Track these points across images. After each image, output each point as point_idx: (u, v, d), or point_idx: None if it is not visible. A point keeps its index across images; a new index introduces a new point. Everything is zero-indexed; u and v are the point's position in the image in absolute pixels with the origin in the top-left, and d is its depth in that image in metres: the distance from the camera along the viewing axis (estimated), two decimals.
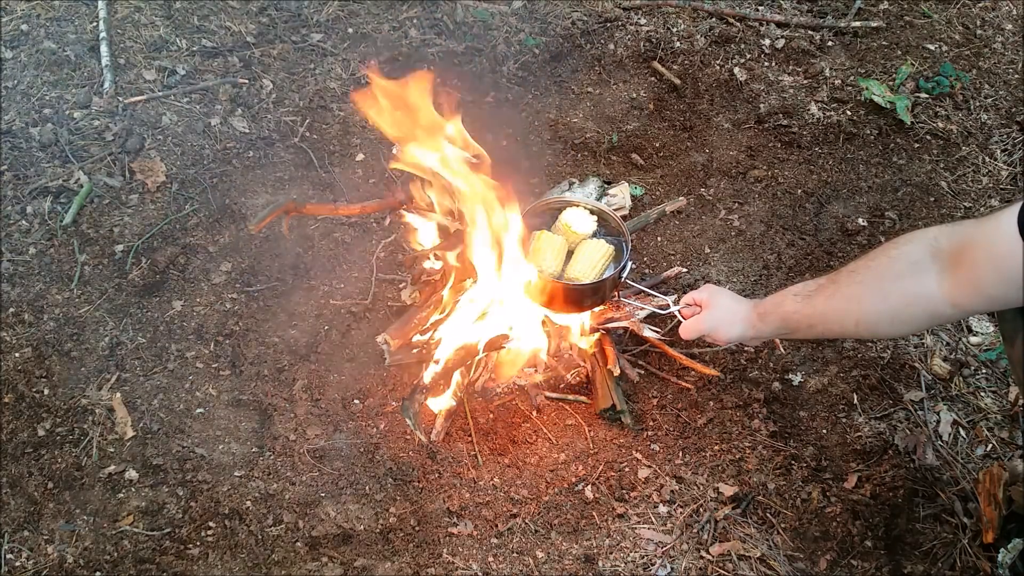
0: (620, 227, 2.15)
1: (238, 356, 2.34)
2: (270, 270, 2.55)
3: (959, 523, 1.93)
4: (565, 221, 2.15)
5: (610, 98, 3.14)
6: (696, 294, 1.85)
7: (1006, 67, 3.13)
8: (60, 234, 2.55)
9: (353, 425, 2.21)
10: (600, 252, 2.09)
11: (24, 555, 1.93)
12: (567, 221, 2.14)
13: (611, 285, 2.08)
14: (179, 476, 2.08)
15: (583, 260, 2.08)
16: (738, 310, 1.75)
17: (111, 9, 3.15)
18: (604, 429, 2.21)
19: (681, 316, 1.88)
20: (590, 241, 2.12)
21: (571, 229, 2.13)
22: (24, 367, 2.26)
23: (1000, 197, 2.75)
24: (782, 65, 3.20)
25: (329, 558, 1.94)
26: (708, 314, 1.79)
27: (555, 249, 2.09)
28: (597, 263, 2.07)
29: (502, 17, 3.33)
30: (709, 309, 1.80)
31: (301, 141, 2.90)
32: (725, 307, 1.78)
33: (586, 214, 2.16)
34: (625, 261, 2.06)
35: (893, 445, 2.11)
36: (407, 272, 2.54)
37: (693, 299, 1.86)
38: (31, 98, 2.86)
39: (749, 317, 1.73)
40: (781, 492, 2.05)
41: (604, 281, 2.04)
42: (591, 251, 2.09)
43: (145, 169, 2.73)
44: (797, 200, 2.79)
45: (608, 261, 2.10)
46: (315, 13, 3.29)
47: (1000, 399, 2.20)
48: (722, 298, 1.80)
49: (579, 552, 1.94)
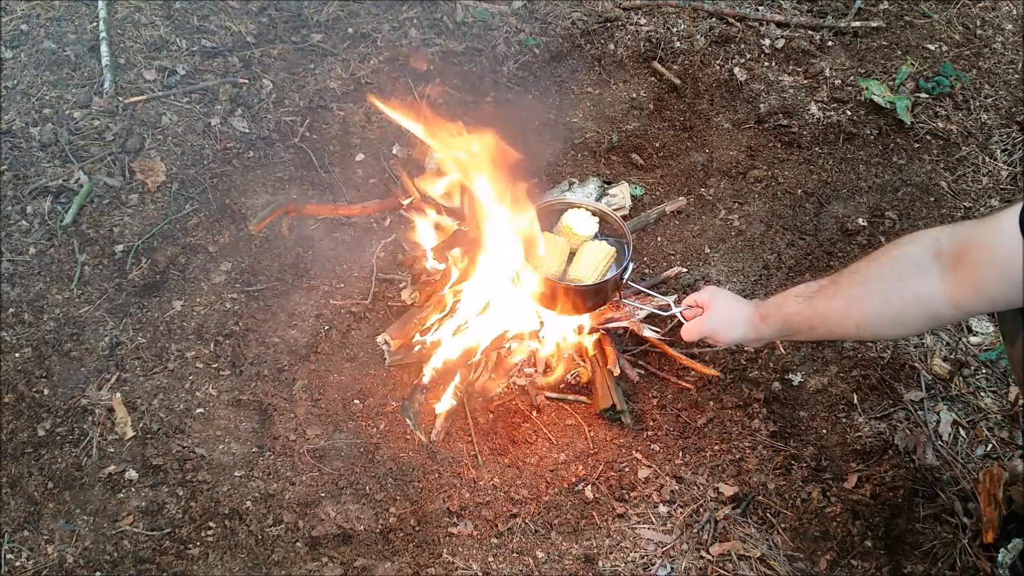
0: (622, 228, 2.15)
1: (238, 356, 2.34)
2: (270, 270, 2.55)
3: (959, 523, 1.93)
4: (567, 223, 2.15)
5: (610, 98, 3.14)
6: (697, 295, 1.85)
7: (1006, 67, 3.13)
8: (60, 234, 2.55)
9: (353, 425, 2.21)
10: (602, 253, 2.09)
11: (24, 555, 1.93)
12: (569, 223, 2.14)
13: (613, 286, 2.08)
14: (179, 476, 2.08)
15: (585, 261, 2.08)
16: (739, 311, 1.75)
17: (111, 9, 3.15)
18: (604, 429, 2.21)
19: (683, 318, 1.88)
20: (592, 242, 2.13)
21: (573, 231, 2.13)
22: (24, 367, 2.26)
23: (1000, 197, 2.75)
24: (782, 65, 3.20)
25: (329, 558, 1.94)
26: (709, 315, 1.79)
27: (557, 251, 2.09)
28: (599, 264, 2.07)
29: (502, 17, 3.33)
30: (710, 310, 1.80)
31: (301, 141, 2.90)
32: (726, 308, 1.77)
33: (588, 215, 2.17)
34: (627, 262, 2.06)
35: (893, 445, 2.11)
36: (407, 272, 2.54)
37: (695, 300, 1.86)
38: (31, 98, 2.86)
39: (750, 318, 1.73)
40: (781, 492, 2.05)
41: (606, 282, 2.04)
42: (593, 252, 2.09)
43: (145, 169, 2.73)
44: (797, 200, 2.79)
45: (610, 262, 2.10)
46: (315, 13, 3.29)
47: (1000, 399, 2.20)
48: (723, 299, 1.80)
49: (579, 552, 1.94)
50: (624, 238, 2.14)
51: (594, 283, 2.03)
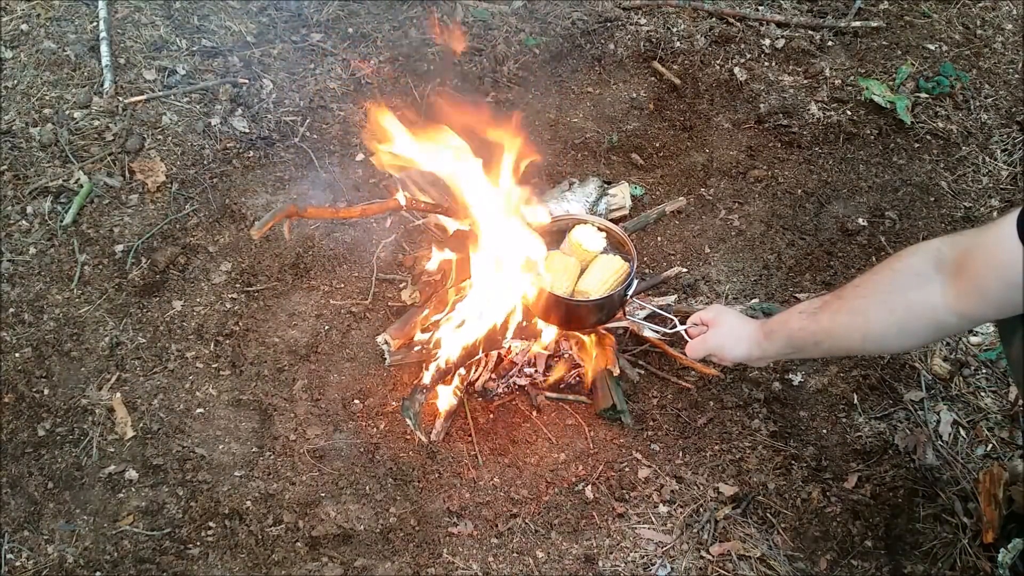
0: (626, 244, 2.13)
1: (238, 356, 2.34)
2: (270, 270, 2.55)
3: (959, 523, 1.93)
4: (576, 240, 2.11)
5: (610, 98, 3.14)
6: (702, 314, 1.84)
7: (1006, 67, 3.13)
8: (60, 234, 2.55)
9: (353, 425, 2.21)
10: (613, 268, 2.06)
11: (24, 555, 1.93)
12: (578, 240, 2.11)
13: (617, 302, 2.05)
14: (179, 476, 2.08)
15: (594, 275, 2.05)
16: (744, 329, 1.74)
17: (111, 9, 3.15)
18: (604, 429, 2.21)
19: (687, 335, 1.87)
20: (605, 256, 2.10)
21: (583, 247, 2.10)
22: (24, 367, 2.26)
23: (1000, 197, 2.75)
24: (782, 65, 3.20)
25: (329, 558, 1.94)
26: (714, 333, 1.78)
27: (568, 269, 2.06)
28: (608, 279, 2.04)
29: (502, 17, 3.33)
30: (715, 328, 1.78)
31: (301, 141, 2.90)
32: (731, 326, 1.76)
33: (595, 231, 2.14)
34: (631, 278, 2.04)
35: (893, 445, 2.11)
36: (407, 272, 2.54)
37: (699, 318, 1.84)
38: (31, 98, 2.86)
39: (755, 336, 1.71)
40: (781, 492, 2.05)
41: (610, 297, 2.01)
42: (604, 267, 2.06)
43: (145, 169, 2.73)
44: (797, 200, 2.79)
45: (621, 278, 2.06)
46: (315, 13, 3.29)
47: (1000, 399, 2.20)
48: (728, 317, 1.78)
49: (579, 552, 1.94)
50: (628, 254, 2.12)
51: (597, 298, 2.00)
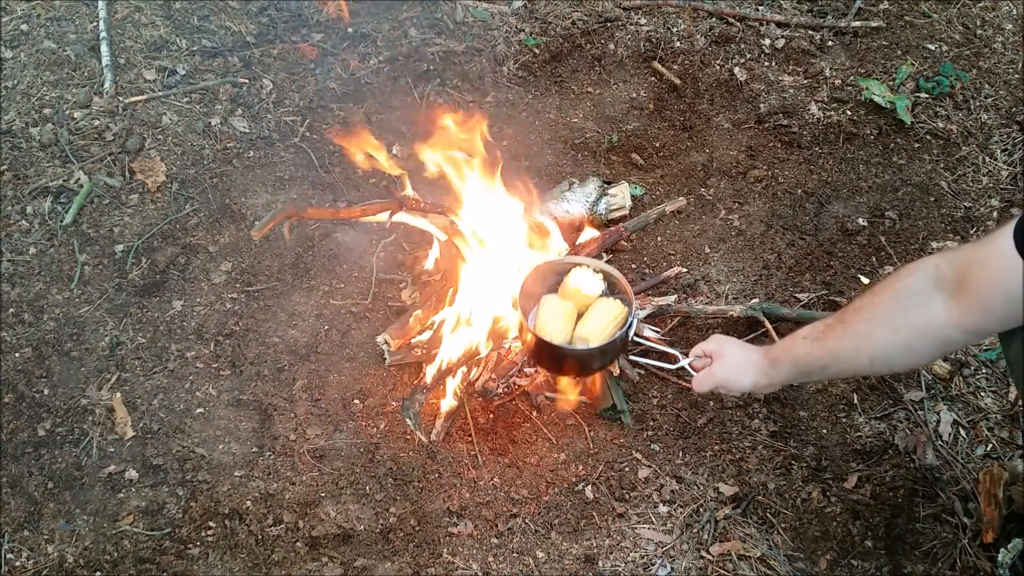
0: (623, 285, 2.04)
1: (238, 356, 2.34)
2: (270, 270, 2.55)
3: (959, 523, 1.93)
4: (574, 285, 2.03)
5: (610, 98, 3.14)
6: (704, 345, 1.80)
7: (1006, 67, 3.13)
8: (60, 234, 2.56)
9: (353, 425, 2.21)
10: (612, 313, 1.97)
11: (24, 555, 1.93)
12: (576, 285, 2.03)
13: (620, 346, 1.98)
14: (179, 476, 2.08)
15: (594, 320, 1.97)
16: (749, 358, 1.71)
17: (111, 9, 3.15)
18: (604, 429, 2.21)
19: (691, 369, 1.83)
20: (604, 300, 2.02)
21: (581, 292, 2.02)
22: (24, 367, 2.26)
23: (1000, 197, 2.75)
24: (782, 65, 3.20)
25: (329, 558, 1.94)
26: (719, 365, 1.74)
27: (565, 315, 1.98)
28: (609, 324, 1.96)
29: (502, 17, 3.33)
30: (719, 360, 1.74)
31: (301, 141, 2.90)
32: (735, 356, 1.72)
33: (591, 273, 2.06)
34: (632, 319, 1.95)
35: (893, 445, 2.11)
36: (407, 272, 2.54)
37: (702, 350, 1.80)
38: (31, 98, 2.86)
39: (760, 364, 1.68)
40: (781, 492, 2.05)
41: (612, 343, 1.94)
42: (603, 311, 1.98)
43: (145, 169, 2.73)
44: (797, 200, 2.79)
45: (621, 322, 1.97)
46: (315, 13, 3.29)
47: (1000, 399, 2.20)
48: (731, 347, 1.75)
49: (579, 552, 1.94)
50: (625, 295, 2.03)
51: (599, 345, 1.93)
